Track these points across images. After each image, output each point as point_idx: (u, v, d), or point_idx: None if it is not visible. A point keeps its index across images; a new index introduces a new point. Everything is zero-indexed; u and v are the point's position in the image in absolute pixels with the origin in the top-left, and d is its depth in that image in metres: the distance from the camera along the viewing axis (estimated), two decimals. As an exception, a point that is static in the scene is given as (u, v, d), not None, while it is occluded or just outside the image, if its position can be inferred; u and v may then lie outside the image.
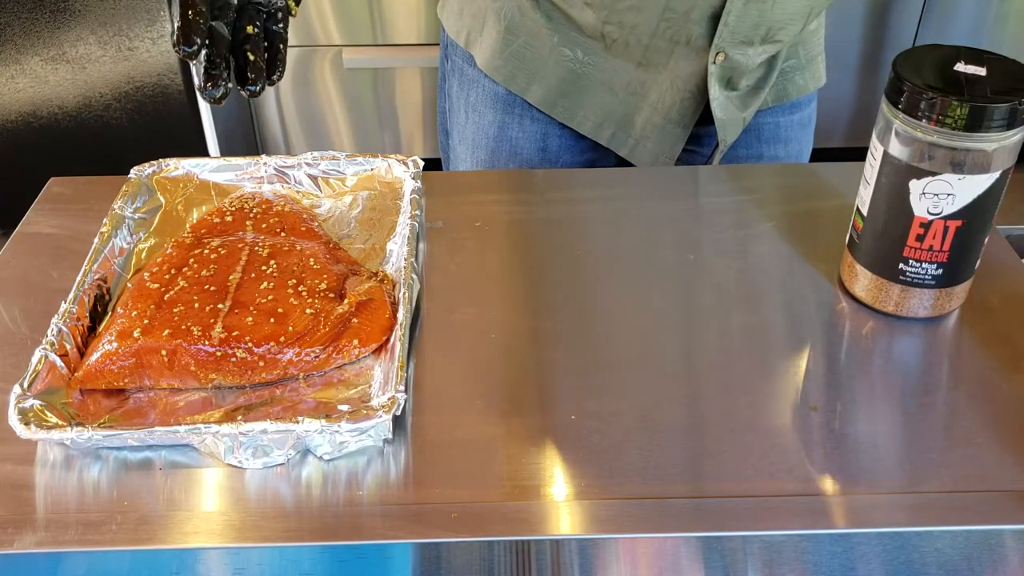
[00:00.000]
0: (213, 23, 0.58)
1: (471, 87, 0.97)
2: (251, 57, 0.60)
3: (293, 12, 0.62)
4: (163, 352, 0.60)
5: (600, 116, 0.92)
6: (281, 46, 0.62)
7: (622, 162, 0.97)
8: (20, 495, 0.55)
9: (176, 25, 0.57)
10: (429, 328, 0.66)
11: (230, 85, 0.60)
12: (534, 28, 0.89)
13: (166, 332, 0.61)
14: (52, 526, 0.53)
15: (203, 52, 0.58)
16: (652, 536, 0.53)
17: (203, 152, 1.96)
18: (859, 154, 0.71)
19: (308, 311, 0.63)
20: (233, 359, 0.60)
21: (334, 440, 0.56)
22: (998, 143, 0.58)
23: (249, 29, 0.60)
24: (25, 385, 0.57)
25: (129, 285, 0.67)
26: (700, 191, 0.81)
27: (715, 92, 0.86)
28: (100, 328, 0.65)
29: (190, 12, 0.56)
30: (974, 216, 0.61)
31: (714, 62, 0.84)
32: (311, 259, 0.68)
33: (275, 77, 0.61)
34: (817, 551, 0.54)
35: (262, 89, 0.60)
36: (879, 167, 0.63)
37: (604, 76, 0.89)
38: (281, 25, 0.62)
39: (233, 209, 0.74)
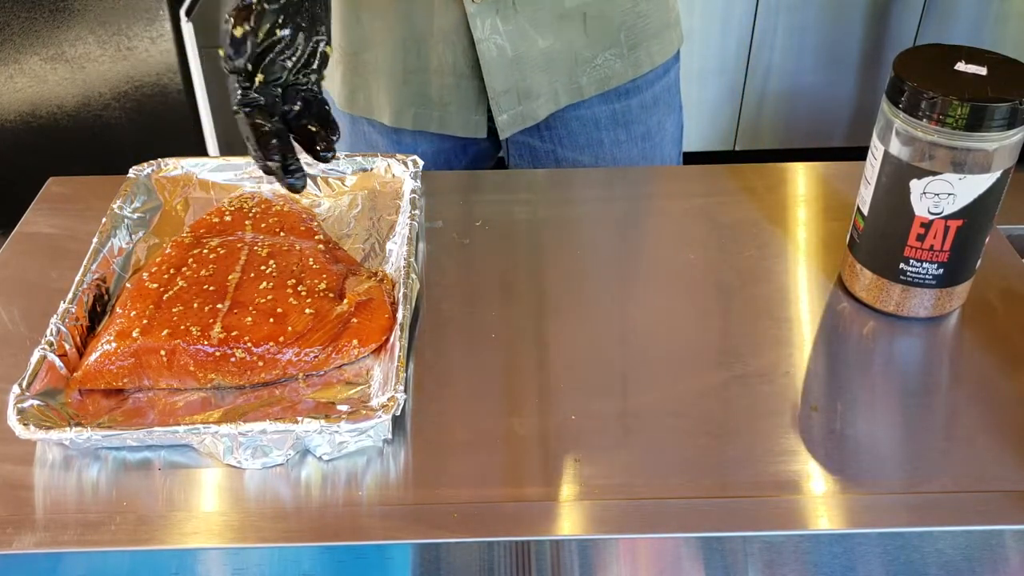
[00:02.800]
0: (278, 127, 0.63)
1: None
2: (313, 129, 0.64)
3: (323, 76, 0.66)
4: (162, 352, 0.60)
5: (396, 102, 0.92)
6: (327, 107, 0.66)
7: (475, 163, 0.97)
8: (19, 495, 0.55)
9: (253, 150, 0.62)
10: (429, 328, 0.66)
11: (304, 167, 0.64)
12: None
13: (165, 332, 0.61)
14: (51, 526, 0.53)
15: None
16: (652, 536, 0.53)
17: (202, 152, 1.96)
18: (859, 154, 0.71)
19: (307, 311, 0.63)
20: (232, 359, 0.60)
21: (333, 440, 0.56)
22: (999, 143, 0.58)
23: (297, 107, 0.64)
24: (24, 385, 0.57)
25: (128, 285, 0.67)
26: (700, 191, 0.81)
27: (480, 33, 0.84)
28: (99, 328, 0.65)
29: (262, 134, 0.62)
30: (975, 216, 0.61)
31: (473, 0, 0.83)
32: (310, 259, 0.68)
33: (335, 137, 0.65)
34: (817, 551, 0.54)
35: (335, 154, 0.65)
36: (880, 167, 0.63)
37: (382, 64, 0.89)
38: (317, 88, 0.65)
39: (232, 209, 0.74)
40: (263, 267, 0.67)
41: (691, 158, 1.06)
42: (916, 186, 0.61)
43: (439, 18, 0.85)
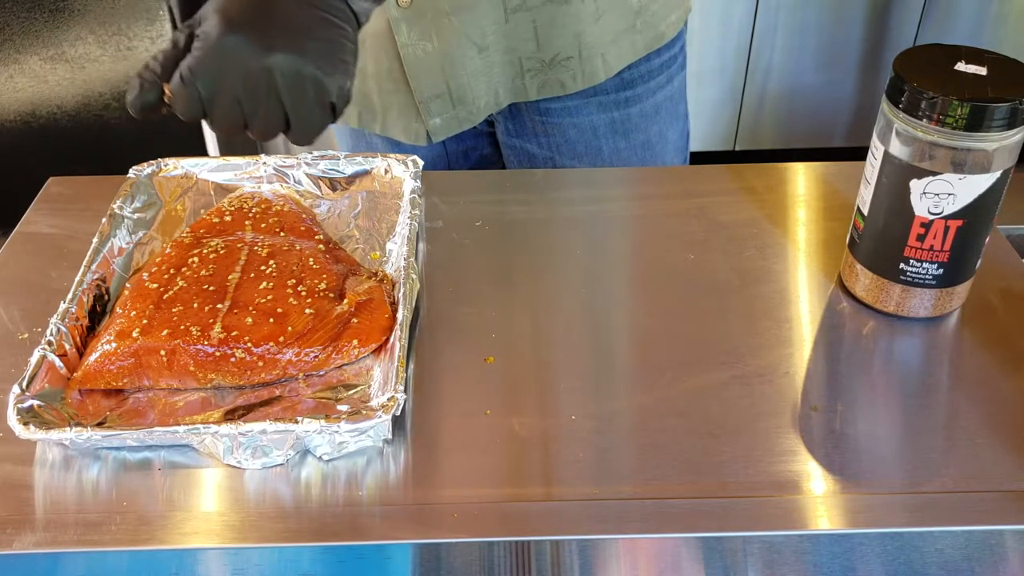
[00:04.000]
0: None
1: None
2: None
3: None
4: (162, 352, 0.60)
5: None
6: None
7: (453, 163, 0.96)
8: (19, 495, 0.55)
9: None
10: (429, 328, 0.66)
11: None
12: None
13: (165, 332, 0.61)
14: (51, 526, 0.53)
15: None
16: (652, 536, 0.53)
17: (202, 152, 1.96)
18: (859, 154, 0.71)
19: (307, 311, 0.63)
20: (232, 359, 0.60)
21: (333, 440, 0.56)
22: (999, 143, 0.58)
23: None
24: (24, 385, 0.57)
25: (128, 285, 0.67)
26: (700, 191, 0.81)
27: (404, 38, 0.81)
28: (99, 328, 0.65)
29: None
30: (975, 216, 0.61)
31: (398, 4, 0.80)
32: (310, 259, 0.68)
33: None
34: (817, 551, 0.54)
35: None
36: (880, 167, 0.63)
37: None
38: None
39: (232, 209, 0.74)
40: (263, 267, 0.67)
41: (691, 158, 1.06)
42: (916, 186, 0.61)
43: (369, 23, 0.84)
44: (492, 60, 0.86)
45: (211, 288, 0.64)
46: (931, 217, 0.61)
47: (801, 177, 0.83)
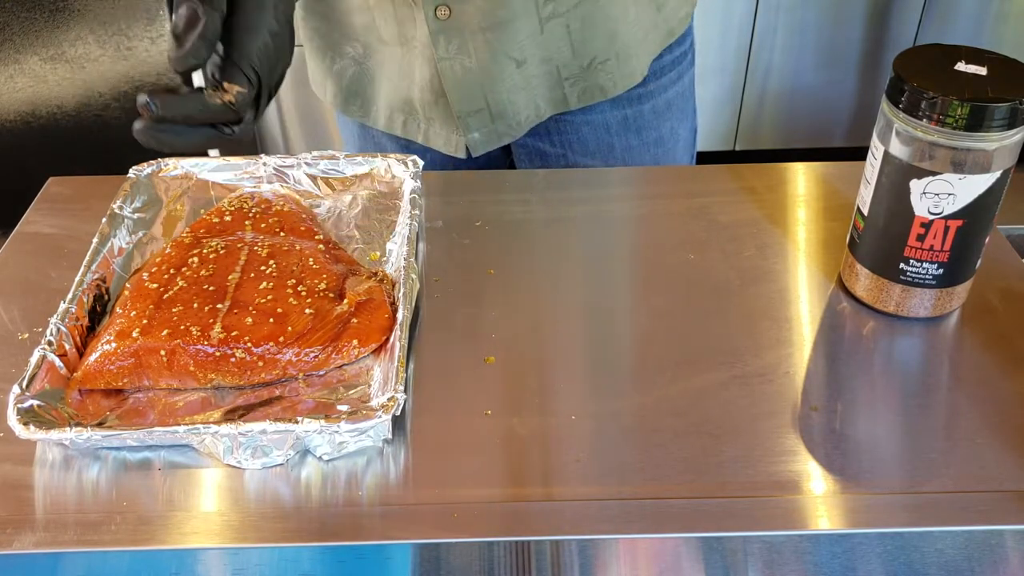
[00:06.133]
0: None
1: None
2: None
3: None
4: (162, 352, 0.60)
5: (388, 107, 0.92)
6: None
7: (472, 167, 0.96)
8: (19, 495, 0.55)
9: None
10: (429, 328, 0.66)
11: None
12: (311, 34, 0.92)
13: (165, 332, 0.61)
14: (51, 526, 0.53)
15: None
16: (652, 536, 0.53)
17: (202, 152, 1.96)
18: (859, 154, 0.71)
19: (307, 311, 0.63)
20: (232, 359, 0.60)
21: (333, 440, 0.56)
22: (999, 143, 0.58)
23: None
24: (24, 385, 0.57)
25: (128, 285, 0.67)
26: (700, 191, 0.81)
27: (442, 51, 0.82)
28: (99, 328, 0.65)
29: None
30: (975, 216, 0.61)
31: (436, 16, 0.81)
32: (310, 259, 0.68)
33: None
34: (817, 551, 0.54)
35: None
36: (880, 167, 0.63)
37: (382, 67, 0.89)
38: None
39: (232, 209, 0.74)
40: (263, 267, 0.67)
41: (691, 158, 1.07)
42: (916, 186, 0.61)
43: (417, 30, 0.84)
44: (530, 73, 0.86)
45: (211, 288, 0.64)
46: (931, 217, 0.61)
47: (801, 177, 0.83)
